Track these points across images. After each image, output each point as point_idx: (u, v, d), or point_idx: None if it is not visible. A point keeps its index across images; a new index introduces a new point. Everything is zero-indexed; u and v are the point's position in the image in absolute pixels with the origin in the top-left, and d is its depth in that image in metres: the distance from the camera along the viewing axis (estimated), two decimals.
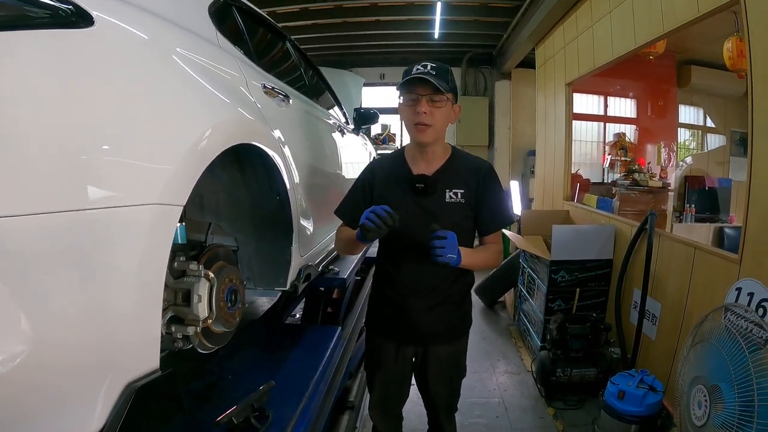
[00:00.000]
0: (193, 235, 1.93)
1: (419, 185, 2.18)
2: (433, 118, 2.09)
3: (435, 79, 2.03)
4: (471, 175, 2.23)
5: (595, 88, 8.03)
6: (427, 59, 2.15)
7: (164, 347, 1.59)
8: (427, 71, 2.06)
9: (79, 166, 1.03)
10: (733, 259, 3.00)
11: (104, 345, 1.09)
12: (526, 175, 9.50)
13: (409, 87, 2.09)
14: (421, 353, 2.40)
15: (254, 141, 1.75)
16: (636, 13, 4.36)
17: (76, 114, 1.04)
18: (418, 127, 2.10)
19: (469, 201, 2.20)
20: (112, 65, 1.17)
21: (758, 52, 2.82)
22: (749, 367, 2.09)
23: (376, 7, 7.35)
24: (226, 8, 2.23)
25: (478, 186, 2.22)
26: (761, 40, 2.79)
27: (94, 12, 1.14)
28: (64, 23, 1.08)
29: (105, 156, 1.08)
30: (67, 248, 1.01)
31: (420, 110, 2.06)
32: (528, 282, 5.45)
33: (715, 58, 6.34)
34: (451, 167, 2.24)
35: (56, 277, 1.00)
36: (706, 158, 8.39)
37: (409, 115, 2.12)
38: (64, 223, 0.99)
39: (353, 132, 4.04)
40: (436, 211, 2.17)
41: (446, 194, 2.19)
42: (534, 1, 6.40)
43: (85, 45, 1.11)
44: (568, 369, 4.08)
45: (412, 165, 2.25)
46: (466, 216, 2.23)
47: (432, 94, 2.06)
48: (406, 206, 2.16)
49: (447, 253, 1.97)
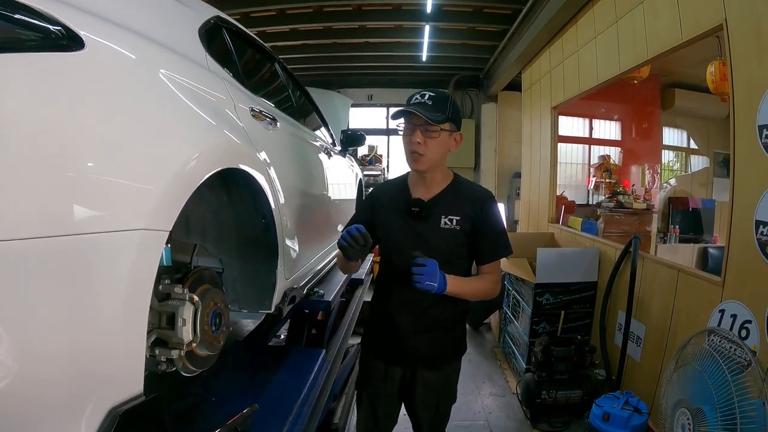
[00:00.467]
0: (179, 257, 1.92)
1: (414, 209, 2.22)
2: (427, 147, 2.13)
3: (428, 110, 2.07)
4: (469, 204, 2.25)
5: (581, 111, 8.11)
6: (427, 88, 2.21)
7: (148, 369, 1.58)
8: (424, 101, 2.10)
9: (67, 191, 1.02)
10: (716, 282, 3.04)
11: (87, 370, 1.08)
12: (511, 196, 9.53)
13: (405, 116, 2.14)
14: (409, 376, 2.39)
15: (241, 164, 1.75)
16: (621, 38, 4.43)
17: (65, 139, 1.04)
18: (413, 156, 2.16)
19: (464, 229, 2.21)
20: (102, 90, 1.17)
21: (740, 77, 2.88)
22: (731, 390, 2.10)
23: (365, 29, 7.41)
24: (216, 30, 2.24)
25: (476, 215, 2.23)
26: (743, 66, 2.84)
27: (85, 35, 1.14)
28: (55, 46, 1.08)
29: (92, 181, 1.07)
30: (51, 274, 1.00)
31: (414, 140, 2.11)
32: (513, 304, 5.45)
33: (698, 81, 6.44)
34: (449, 194, 2.27)
35: (40, 302, 0.99)
36: (689, 180, 8.48)
37: (405, 143, 2.18)
38: (49, 249, 0.99)
39: (340, 153, 4.05)
40: (429, 236, 2.20)
41: (441, 220, 2.21)
42: (521, 26, 6.48)
43: (76, 69, 1.11)
44: (553, 391, 4.08)
45: (413, 190, 2.29)
46: (461, 243, 2.23)
47: (425, 124, 2.10)
48: (401, 229, 2.24)
49: (425, 281, 2.00)
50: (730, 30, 2.93)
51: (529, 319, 4.80)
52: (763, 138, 2.65)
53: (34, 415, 1.02)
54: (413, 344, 2.29)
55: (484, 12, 6.76)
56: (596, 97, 6.27)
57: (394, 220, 2.26)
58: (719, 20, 3.00)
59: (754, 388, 2.11)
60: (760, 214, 2.68)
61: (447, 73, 9.52)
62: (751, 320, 2.69)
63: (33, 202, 0.97)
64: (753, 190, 2.73)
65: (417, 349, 2.30)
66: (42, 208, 0.98)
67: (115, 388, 1.15)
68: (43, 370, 1.01)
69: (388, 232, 2.27)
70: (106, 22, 1.33)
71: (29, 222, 0.97)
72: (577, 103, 6.08)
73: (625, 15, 4.31)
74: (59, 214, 1.01)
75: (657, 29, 3.80)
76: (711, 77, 4.83)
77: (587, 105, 7.59)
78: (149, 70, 1.41)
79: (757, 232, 2.68)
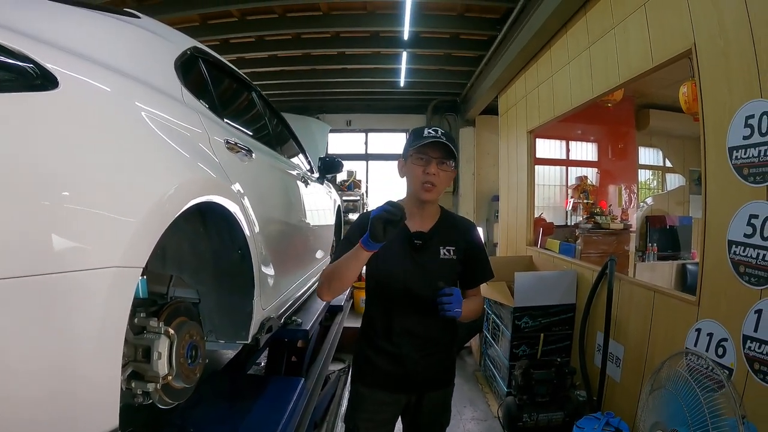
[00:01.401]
0: (155, 287, 1.92)
1: (417, 242, 2.29)
2: (439, 179, 2.22)
3: (449, 143, 2.19)
4: (460, 234, 2.39)
5: (557, 133, 8.22)
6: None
7: (124, 402, 1.57)
8: (440, 136, 2.18)
9: (40, 231, 1.03)
10: (692, 301, 3.06)
11: (61, 406, 1.08)
12: (490, 219, 9.59)
13: (421, 149, 2.20)
14: (414, 401, 2.41)
15: (215, 197, 1.76)
16: (593, 64, 4.51)
17: (37, 180, 1.05)
18: (426, 186, 2.21)
19: (459, 257, 2.34)
20: (76, 129, 1.18)
21: (710, 100, 2.93)
22: (705, 411, 2.12)
23: (344, 56, 7.50)
24: (193, 61, 2.24)
25: (466, 243, 2.38)
26: (712, 89, 2.90)
27: (58, 73, 1.16)
28: (28, 86, 1.09)
29: (65, 220, 1.08)
30: (21, 312, 1.00)
31: (430, 171, 2.19)
32: (493, 328, 5.45)
33: (672, 102, 6.52)
34: (443, 225, 2.38)
35: (9, 341, 0.99)
36: (666, 198, 8.60)
37: (417, 173, 2.23)
38: (20, 288, 0.99)
39: (317, 181, 4.06)
40: (430, 267, 2.27)
41: (440, 251, 2.31)
42: (496, 52, 6.59)
43: (49, 108, 1.12)
44: (535, 414, 4.07)
45: (408, 221, 2.28)
46: (455, 271, 2.34)
47: (443, 157, 2.21)
48: (403, 261, 2.28)
49: (454, 308, 2.08)
50: (699, 54, 3.00)
51: (508, 342, 4.80)
52: (733, 159, 2.70)
53: None
54: (420, 369, 2.31)
55: (460, 38, 6.88)
56: (572, 119, 6.33)
57: (394, 252, 2.26)
58: (688, 45, 3.07)
59: (727, 406, 2.13)
60: (732, 234, 2.72)
61: (425, 98, 9.62)
62: (727, 338, 2.72)
63: (4, 241, 0.98)
64: (725, 211, 2.78)
65: (424, 374, 2.33)
66: (13, 248, 0.99)
67: (90, 423, 1.15)
68: (17, 407, 1.01)
69: (388, 265, 2.27)
70: (81, 59, 1.35)
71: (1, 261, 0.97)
72: (553, 125, 6.13)
73: (598, 41, 4.39)
74: (31, 253, 1.01)
75: (628, 54, 3.87)
76: (684, 98, 4.90)
77: (564, 127, 7.68)
78: (124, 107, 1.42)
79: (730, 252, 2.72)
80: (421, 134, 2.21)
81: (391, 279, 2.29)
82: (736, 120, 2.69)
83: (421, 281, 2.22)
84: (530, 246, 6.50)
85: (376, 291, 2.37)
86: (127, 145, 1.35)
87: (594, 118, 7.53)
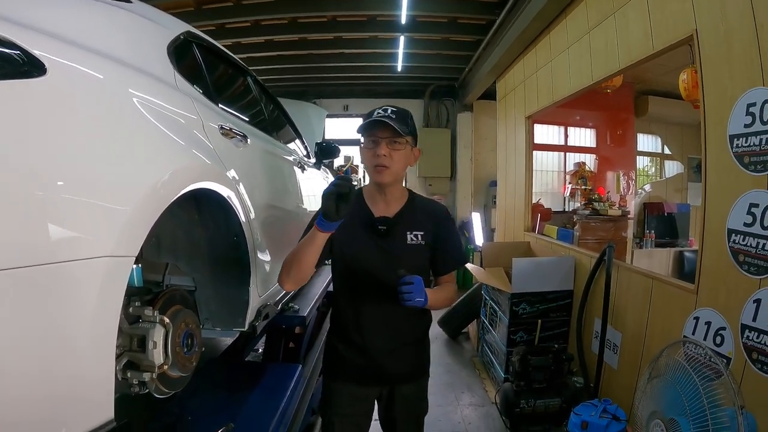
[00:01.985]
0: (150, 276, 1.90)
1: (382, 227, 2.20)
2: (392, 160, 2.11)
3: (395, 122, 2.05)
4: (429, 218, 2.28)
5: (556, 119, 8.18)
6: (389, 103, 2.20)
7: (120, 392, 1.56)
8: (388, 115, 2.08)
9: (29, 220, 1.01)
10: (690, 289, 3.06)
11: (56, 398, 1.07)
12: (488, 205, 9.58)
13: (370, 130, 2.11)
14: (386, 394, 2.35)
15: (209, 183, 1.74)
16: (593, 49, 4.47)
17: (26, 168, 1.02)
18: (377, 169, 2.11)
19: (428, 242, 2.24)
20: (66, 116, 1.16)
21: (711, 88, 2.91)
22: (703, 400, 2.11)
23: (341, 40, 7.43)
24: (186, 46, 2.21)
25: (436, 228, 2.26)
26: (713, 76, 2.88)
27: (46, 60, 1.13)
28: (15, 73, 1.06)
29: (55, 209, 1.06)
30: (13, 304, 0.98)
31: (380, 152, 2.08)
32: (490, 314, 5.46)
33: (671, 88, 6.49)
34: (410, 210, 2.27)
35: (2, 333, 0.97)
36: (664, 185, 8.59)
37: (369, 157, 2.14)
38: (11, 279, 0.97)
39: (314, 166, 4.04)
40: (398, 254, 2.18)
41: (407, 236, 2.22)
42: (495, 36, 6.54)
43: (37, 95, 1.10)
44: (532, 400, 4.08)
45: (372, 206, 2.24)
46: (425, 257, 2.25)
47: (391, 137, 2.09)
48: (368, 248, 2.19)
49: (415, 297, 1.98)
50: (701, 40, 2.97)
51: (506, 328, 4.80)
52: (734, 147, 2.68)
53: None
54: (389, 362, 2.25)
55: (458, 22, 6.82)
56: (571, 105, 6.31)
57: (357, 239, 2.20)
58: (690, 31, 3.04)
59: (726, 396, 2.12)
60: (731, 223, 2.71)
61: (422, 83, 9.58)
62: (725, 327, 2.72)
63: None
64: (725, 199, 2.76)
65: (393, 366, 2.27)
66: (4, 238, 0.97)
67: (85, 415, 1.14)
68: (10, 398, 1.00)
69: (353, 251, 2.20)
70: (70, 45, 1.32)
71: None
72: (552, 111, 6.12)
73: (597, 26, 4.36)
74: (21, 244, 0.99)
75: (628, 40, 3.84)
76: (683, 84, 4.87)
77: (562, 113, 7.64)
78: (114, 93, 1.40)
79: (729, 240, 2.71)
80: (371, 115, 2.13)
81: (356, 268, 2.20)
82: (738, 108, 2.66)
83: (388, 269, 2.09)
84: (528, 232, 6.50)
85: (342, 281, 2.29)
86: (118, 132, 1.33)
87: (593, 103, 7.50)
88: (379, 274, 2.15)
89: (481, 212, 9.52)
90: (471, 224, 9.33)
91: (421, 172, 9.83)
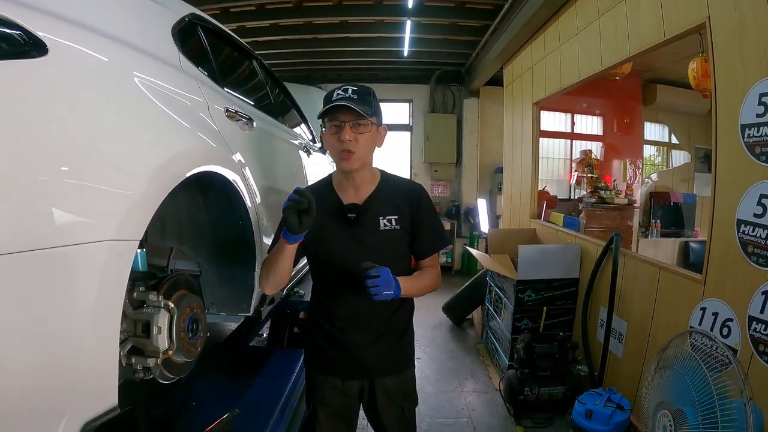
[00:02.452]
0: (155, 260, 1.88)
1: (351, 215, 2.09)
2: (357, 144, 1.99)
3: (356, 104, 1.94)
4: (403, 199, 2.16)
5: (563, 106, 8.14)
6: (349, 83, 2.05)
7: (125, 377, 1.56)
8: (348, 96, 1.97)
9: (31, 204, 0.99)
10: (698, 279, 3.04)
11: (59, 385, 1.06)
12: (493, 191, 9.53)
13: (331, 114, 1.99)
14: (368, 386, 2.28)
15: (214, 167, 1.72)
16: (603, 35, 4.42)
17: (26, 150, 1.00)
18: (343, 155, 1.99)
19: (404, 226, 2.13)
20: (67, 97, 1.13)
21: (722, 76, 2.87)
22: (712, 390, 2.10)
23: (346, 24, 7.36)
24: (191, 28, 2.19)
25: (413, 209, 2.15)
26: (726, 64, 2.83)
27: (48, 40, 1.10)
28: (16, 53, 1.04)
29: (57, 193, 1.04)
30: (16, 290, 0.96)
31: (344, 137, 1.96)
32: (495, 300, 5.46)
33: (680, 77, 6.45)
34: (382, 193, 2.16)
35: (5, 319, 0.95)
36: (671, 175, 8.55)
37: (333, 142, 2.02)
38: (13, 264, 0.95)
39: (320, 151, 4.02)
40: (370, 242, 2.09)
41: (380, 222, 2.11)
42: (502, 22, 6.47)
43: (38, 75, 1.07)
44: (536, 388, 4.08)
45: (341, 194, 2.14)
46: (403, 242, 2.16)
47: (355, 120, 1.97)
48: (338, 238, 2.09)
49: (383, 291, 1.90)
50: (713, 28, 2.92)
51: (511, 315, 4.80)
52: (745, 137, 2.64)
53: (7, 430, 0.99)
54: (368, 355, 2.18)
55: (465, 7, 6.74)
56: (578, 92, 6.27)
57: (327, 230, 2.09)
58: (702, 18, 2.99)
59: (734, 388, 2.10)
60: (741, 213, 2.68)
61: (428, 68, 9.50)
62: (732, 318, 2.70)
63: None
64: (735, 189, 2.73)
65: (372, 359, 2.19)
66: (4, 222, 0.94)
67: (88, 402, 1.13)
68: (12, 385, 0.98)
69: (324, 243, 2.10)
70: (72, 25, 1.29)
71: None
72: (559, 98, 6.08)
73: (607, 12, 4.30)
74: (23, 227, 0.97)
75: (639, 26, 3.79)
76: (693, 74, 4.83)
77: (569, 100, 7.60)
78: (117, 74, 1.37)
79: (739, 231, 2.68)
80: (330, 98, 1.99)
81: (328, 259, 2.11)
82: (750, 97, 2.62)
83: (362, 258, 1.97)
84: (534, 219, 6.47)
85: (317, 273, 2.21)
86: (121, 113, 1.31)
87: (600, 91, 7.47)
88: (352, 265, 2.03)
89: (487, 198, 9.49)
90: (476, 210, 9.30)
91: (427, 157, 9.79)
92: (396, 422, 2.34)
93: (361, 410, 2.37)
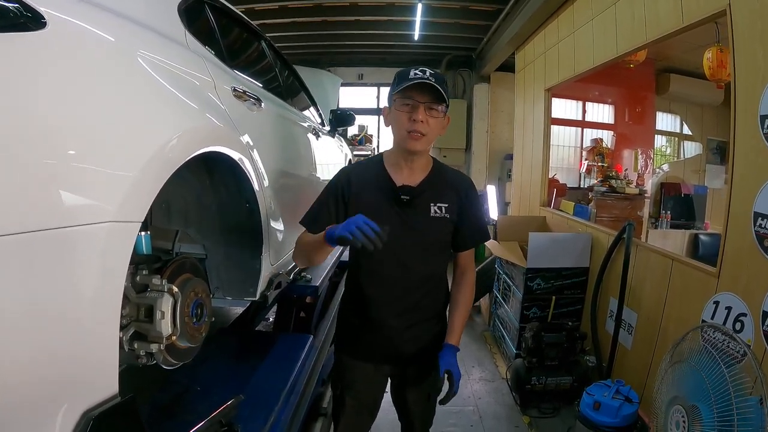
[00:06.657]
0: (159, 243, 1.84)
1: (404, 197, 2.04)
2: (429, 127, 1.96)
3: (438, 85, 1.92)
4: (454, 189, 2.12)
5: (574, 93, 8.07)
6: (423, 65, 2.03)
7: (126, 363, 1.52)
8: (427, 77, 1.92)
9: (29, 182, 0.94)
10: (712, 272, 2.99)
11: (58, 372, 1.01)
12: (502, 178, 9.49)
13: (406, 92, 1.95)
14: (399, 372, 2.29)
15: (221, 147, 1.67)
16: (619, 21, 4.35)
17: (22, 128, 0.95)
18: (413, 135, 1.95)
19: (452, 216, 2.09)
20: (66, 72, 1.08)
21: (742, 66, 2.81)
22: (728, 387, 2.05)
23: (356, 7, 7.28)
24: (198, 6, 2.15)
25: (461, 200, 2.12)
26: (746, 53, 2.77)
27: (45, 12, 1.05)
28: (10, 25, 0.98)
29: (54, 172, 0.99)
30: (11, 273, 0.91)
31: (417, 118, 1.92)
32: (503, 288, 5.42)
33: (694, 67, 6.40)
34: (435, 180, 2.12)
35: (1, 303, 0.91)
36: (682, 166, 8.48)
37: (403, 121, 1.96)
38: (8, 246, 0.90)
39: (329, 134, 3.97)
40: (419, 227, 2.06)
41: (431, 208, 2.07)
42: (515, 6, 6.39)
43: (35, 50, 1.01)
44: (543, 377, 4.06)
45: (394, 174, 2.10)
46: (448, 231, 2.12)
47: (431, 102, 1.94)
48: (388, 219, 1.95)
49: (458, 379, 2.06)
50: (734, 16, 2.85)
51: (519, 303, 4.77)
52: (764, 128, 2.58)
53: (2, 419, 0.95)
54: (405, 340, 2.16)
55: None
56: (590, 79, 6.22)
57: (378, 209, 2.00)
58: (723, 5, 2.92)
59: (750, 384, 2.06)
60: (759, 206, 2.62)
61: (439, 53, 9.37)
62: (746, 313, 2.65)
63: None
64: (752, 182, 2.67)
65: (409, 345, 2.19)
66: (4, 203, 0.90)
67: (88, 390, 1.09)
68: (9, 372, 0.93)
69: None
70: None
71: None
72: (570, 85, 6.03)
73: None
74: (19, 208, 0.92)
75: (657, 12, 3.71)
76: (708, 63, 4.78)
77: (581, 88, 7.55)
78: (120, 49, 1.32)
79: (755, 225, 2.63)
80: (407, 76, 1.93)
81: None
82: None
83: (409, 242, 2.00)
84: (544, 207, 6.43)
85: (359, 254, 2.10)
86: (122, 90, 1.25)
87: (613, 79, 7.42)
88: (398, 248, 2.00)
89: (496, 185, 9.43)
90: (485, 197, 9.26)
91: (436, 142, 9.71)
92: (420, 407, 2.37)
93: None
